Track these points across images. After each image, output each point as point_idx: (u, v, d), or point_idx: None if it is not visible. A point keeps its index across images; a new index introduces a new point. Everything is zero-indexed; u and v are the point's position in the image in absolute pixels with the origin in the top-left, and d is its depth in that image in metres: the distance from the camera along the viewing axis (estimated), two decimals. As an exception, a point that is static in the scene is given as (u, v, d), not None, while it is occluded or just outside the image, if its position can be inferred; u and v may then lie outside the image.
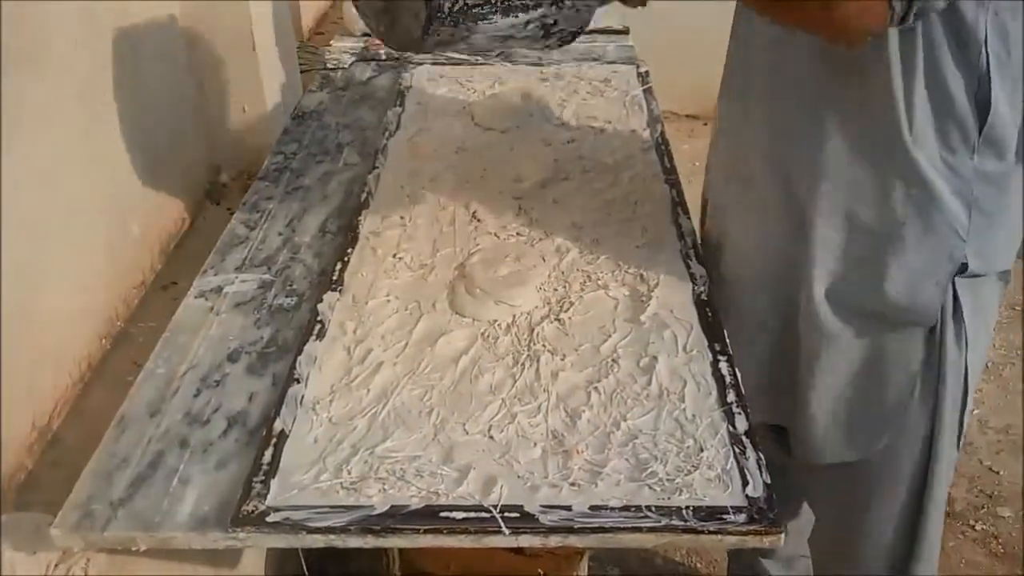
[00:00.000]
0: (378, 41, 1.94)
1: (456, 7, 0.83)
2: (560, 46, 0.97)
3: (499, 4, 0.85)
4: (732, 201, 1.18)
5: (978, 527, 1.90)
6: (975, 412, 2.21)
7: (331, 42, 2.03)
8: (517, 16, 0.88)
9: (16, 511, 0.92)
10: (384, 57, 1.94)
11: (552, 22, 0.91)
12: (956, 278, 1.02)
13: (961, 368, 1.06)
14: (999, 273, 1.06)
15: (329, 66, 1.88)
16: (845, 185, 1.00)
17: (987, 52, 0.89)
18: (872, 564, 1.20)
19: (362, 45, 2.00)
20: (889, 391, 1.08)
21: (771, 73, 1.05)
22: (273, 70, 1.53)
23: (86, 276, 1.12)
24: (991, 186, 0.98)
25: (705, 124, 3.38)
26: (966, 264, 1.00)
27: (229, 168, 1.54)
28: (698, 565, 1.80)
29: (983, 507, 1.95)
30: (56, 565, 0.85)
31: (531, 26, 0.90)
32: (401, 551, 1.27)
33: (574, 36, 0.96)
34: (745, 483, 0.83)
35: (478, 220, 1.30)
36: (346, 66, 1.89)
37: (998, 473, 2.04)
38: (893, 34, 0.90)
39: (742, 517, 0.80)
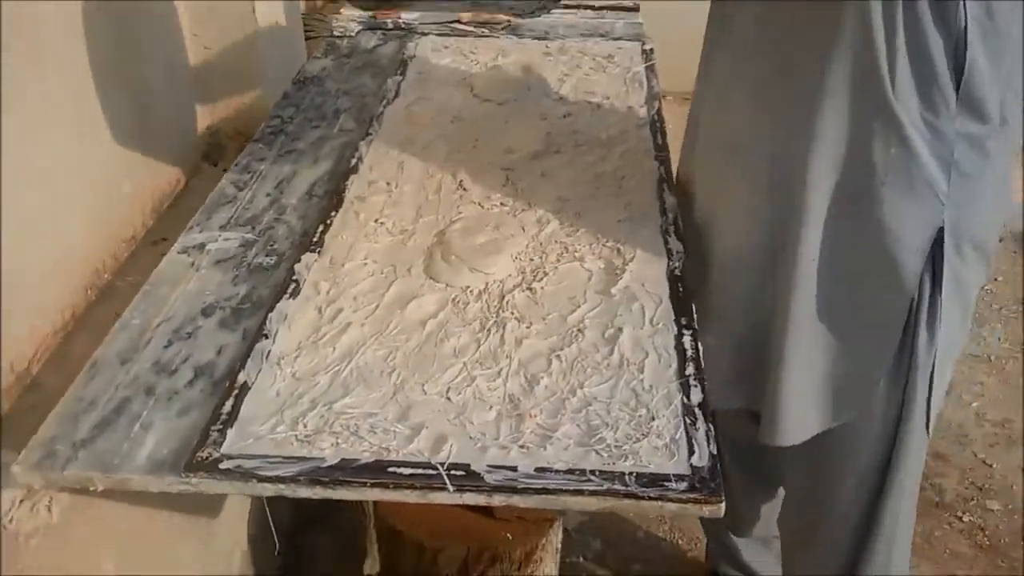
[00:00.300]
0: (389, 10, 1.96)
1: None
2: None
3: None
4: (718, 175, 1.17)
5: (965, 519, 1.90)
6: (973, 405, 2.20)
7: (341, 9, 2.04)
8: None
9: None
10: (391, 26, 1.95)
11: None
12: (936, 253, 1.01)
13: (932, 349, 1.06)
14: (979, 251, 1.05)
15: (335, 34, 1.90)
16: (832, 146, 0.99)
17: (964, 12, 0.89)
18: (836, 539, 1.21)
19: (370, 14, 2.01)
20: (862, 363, 1.08)
21: (756, 36, 1.04)
22: (275, 34, 1.55)
23: (72, 229, 1.15)
24: (973, 149, 0.97)
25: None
26: (942, 229, 1.00)
27: (228, 130, 1.56)
28: (680, 542, 1.82)
29: (973, 499, 1.94)
30: (20, 502, 0.88)
31: None
32: (376, 510, 1.29)
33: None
34: (691, 452, 0.84)
35: (464, 189, 1.31)
36: (352, 34, 1.91)
37: (991, 466, 2.03)
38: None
39: (683, 485, 0.81)
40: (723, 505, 0.81)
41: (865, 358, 1.08)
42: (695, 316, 1.04)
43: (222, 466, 0.81)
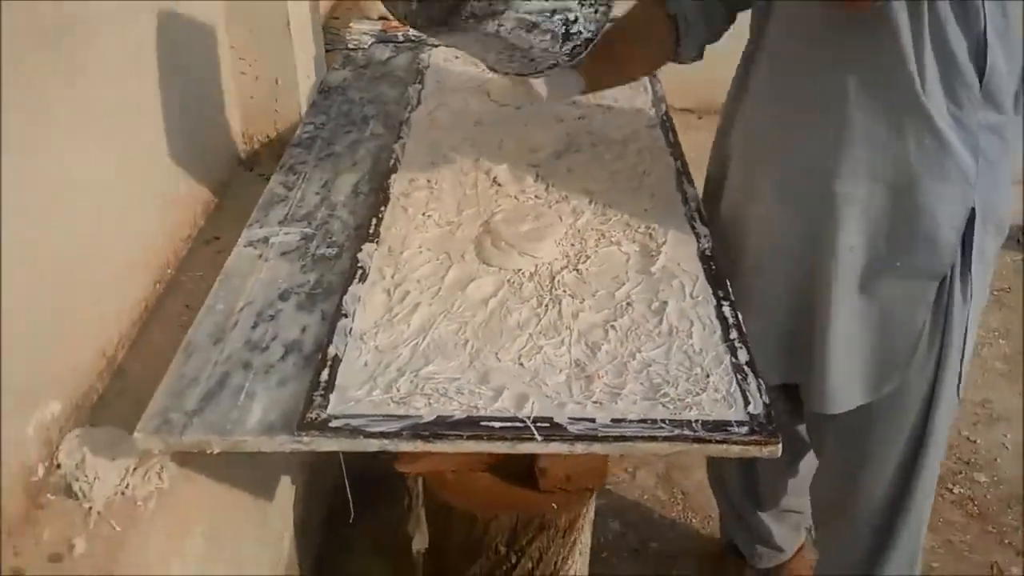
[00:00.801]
0: (397, 23, 2.05)
1: None
2: (574, 55, 1.04)
3: None
4: (752, 172, 1.27)
5: (956, 490, 2.03)
6: (954, 387, 2.34)
7: (350, 24, 2.13)
8: (547, 0, 0.95)
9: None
10: (401, 39, 2.04)
11: (574, 18, 0.98)
12: (967, 231, 1.13)
13: (965, 316, 1.18)
14: (998, 228, 1.18)
15: (350, 46, 1.99)
16: (865, 142, 1.11)
17: (984, 15, 1.01)
18: (872, 506, 1.32)
19: (379, 28, 2.11)
20: (901, 339, 1.19)
21: (788, 42, 1.16)
22: (304, 46, 1.64)
23: (143, 228, 1.22)
24: (994, 136, 1.10)
25: (700, 118, 3.49)
26: (974, 210, 1.12)
27: (262, 137, 1.64)
28: (693, 521, 1.92)
29: (961, 472, 2.08)
30: (133, 470, 0.96)
31: (557, 17, 0.97)
32: (426, 487, 1.37)
33: (586, 45, 1.03)
34: (747, 403, 0.94)
35: (498, 185, 1.41)
36: (366, 47, 2.00)
37: (975, 442, 2.17)
38: (901, 5, 1.02)
39: (744, 429, 0.91)
40: (780, 446, 0.91)
41: (904, 331, 1.19)
42: (730, 289, 1.14)
43: (332, 425, 0.90)
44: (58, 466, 0.96)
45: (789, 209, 1.20)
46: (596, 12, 1.00)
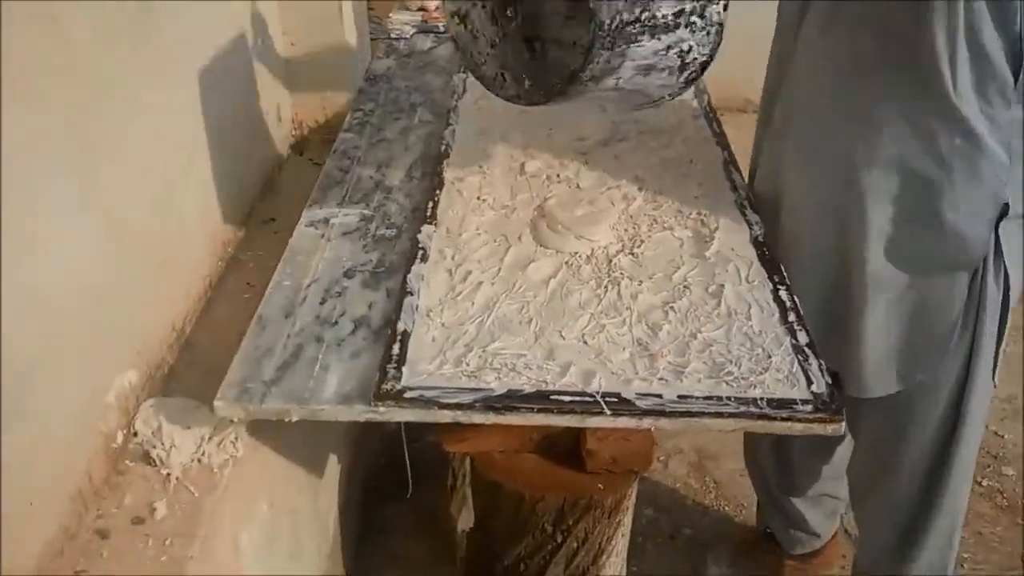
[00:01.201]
0: (437, 14, 2.08)
1: (615, 24, 0.87)
2: (691, 81, 1.02)
3: (647, 23, 0.89)
4: (785, 163, 1.30)
5: (984, 483, 2.04)
6: (982, 383, 2.36)
7: (391, 15, 2.15)
8: (660, 39, 0.92)
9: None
10: (442, 29, 2.07)
11: (688, 48, 0.96)
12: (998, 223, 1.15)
13: (999, 305, 1.20)
14: (1020, 219, 1.19)
15: (392, 36, 2.01)
16: (896, 139, 1.13)
17: (1021, 14, 1.03)
18: (909, 482, 1.34)
19: (419, 18, 2.13)
20: (935, 328, 1.21)
21: (822, 40, 1.18)
22: (351, 34, 1.66)
23: (205, 208, 1.25)
24: (1022, 133, 1.12)
25: (722, 115, 3.50)
26: (1007, 204, 1.13)
27: (311, 122, 1.67)
28: (726, 508, 1.94)
29: (989, 466, 2.09)
30: (209, 438, 0.99)
31: (671, 52, 0.95)
32: (473, 465, 1.40)
33: (703, 69, 1.00)
34: (810, 383, 0.97)
35: (549, 170, 1.43)
36: (408, 36, 2.02)
37: (1003, 437, 2.19)
38: (939, 5, 1.03)
39: (809, 407, 0.93)
40: (843, 424, 0.93)
41: (939, 321, 1.21)
42: (785, 275, 1.16)
43: (407, 396, 0.92)
44: (135, 434, 0.98)
45: (822, 202, 1.22)
46: (709, 35, 0.97)
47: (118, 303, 0.98)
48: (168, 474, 0.95)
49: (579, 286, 1.13)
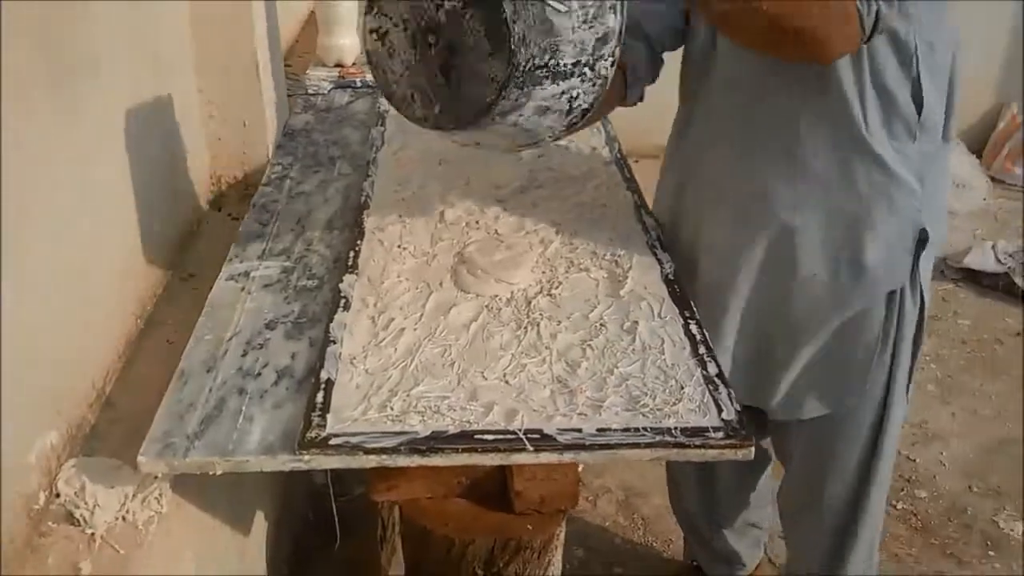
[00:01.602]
0: (354, 70, 2.11)
1: (528, 65, 0.93)
2: (572, 126, 1.08)
3: (552, 69, 0.96)
4: (702, 214, 1.38)
5: (899, 506, 2.13)
6: (892, 409, 2.46)
7: (307, 71, 2.19)
8: (558, 84, 0.98)
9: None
10: (359, 84, 2.11)
11: (576, 95, 1.02)
12: (916, 250, 1.24)
13: (915, 325, 1.29)
14: (934, 244, 1.29)
15: (310, 91, 2.04)
16: (817, 180, 1.22)
17: (917, 59, 1.13)
18: (837, 501, 1.41)
19: (336, 74, 2.17)
20: (858, 351, 1.30)
21: (733, 93, 1.26)
22: (271, 89, 1.68)
23: (122, 266, 1.25)
24: (931, 163, 1.23)
25: (636, 161, 3.62)
26: (925, 230, 1.23)
27: (229, 178, 1.68)
28: (655, 544, 1.97)
29: (903, 489, 2.18)
30: (133, 496, 0.98)
31: (564, 97, 1.01)
32: (402, 513, 1.40)
33: (583, 115, 1.06)
34: (720, 410, 1.01)
35: (468, 217, 1.47)
36: (325, 92, 2.06)
37: (915, 461, 2.28)
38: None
39: (720, 434, 0.98)
40: (753, 448, 0.98)
41: (861, 345, 1.30)
42: (696, 309, 1.21)
43: (331, 443, 0.93)
44: (57, 495, 0.97)
45: (747, 241, 1.30)
46: (595, 85, 1.03)
47: (37, 364, 0.97)
48: (92, 534, 0.94)
49: (500, 328, 1.17)
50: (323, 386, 1.02)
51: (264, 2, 1.64)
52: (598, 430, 0.98)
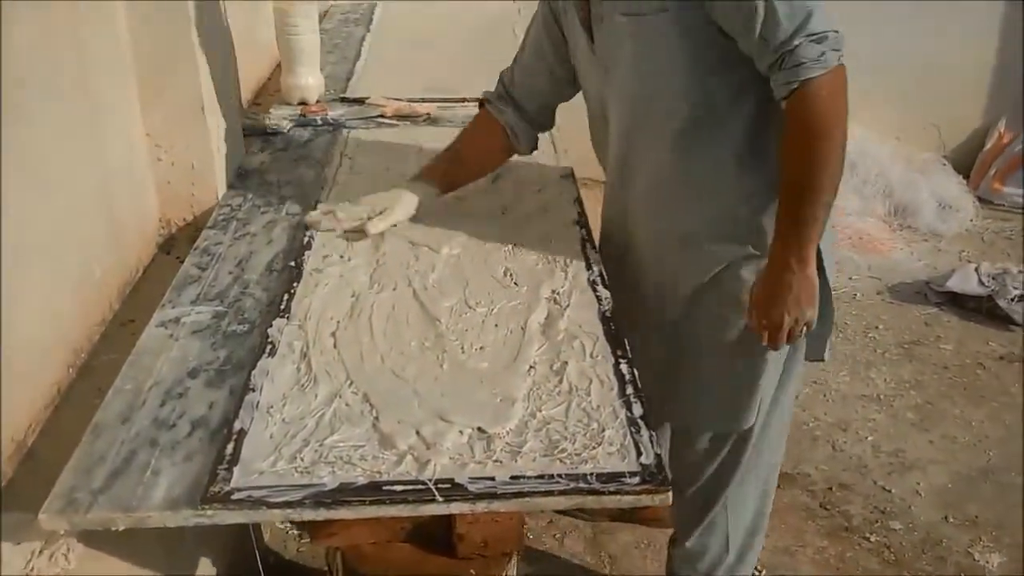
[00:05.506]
0: (316, 108, 2.12)
1: None
2: None
3: None
4: (630, 218, 1.52)
5: (872, 539, 2.09)
6: (869, 439, 2.42)
7: (270, 109, 2.18)
8: None
9: (-3, 513, 1.02)
10: (320, 123, 2.10)
11: None
12: None
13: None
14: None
15: (269, 130, 2.04)
16: (694, 221, 1.41)
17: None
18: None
19: (298, 112, 2.17)
20: (756, 379, 1.45)
21: (630, 151, 1.45)
22: (220, 130, 1.68)
23: (57, 313, 1.23)
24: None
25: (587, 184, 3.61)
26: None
27: (178, 220, 1.67)
28: (620, 582, 1.94)
29: (877, 521, 2.14)
30: (39, 552, 0.96)
31: None
32: (344, 559, 1.38)
33: None
34: (639, 454, 0.99)
35: (412, 258, 1.45)
36: (285, 130, 2.05)
37: (890, 491, 2.24)
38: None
39: (636, 479, 0.96)
40: (670, 494, 0.95)
41: (761, 373, 1.45)
42: (628, 349, 1.20)
43: (234, 497, 0.92)
44: (-38, 553, 0.95)
45: (652, 265, 1.48)
46: None
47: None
48: (-6, 593, 0.92)
49: (426, 372, 1.15)
50: (235, 437, 1.00)
51: (214, 45, 1.64)
52: (512, 477, 0.96)
